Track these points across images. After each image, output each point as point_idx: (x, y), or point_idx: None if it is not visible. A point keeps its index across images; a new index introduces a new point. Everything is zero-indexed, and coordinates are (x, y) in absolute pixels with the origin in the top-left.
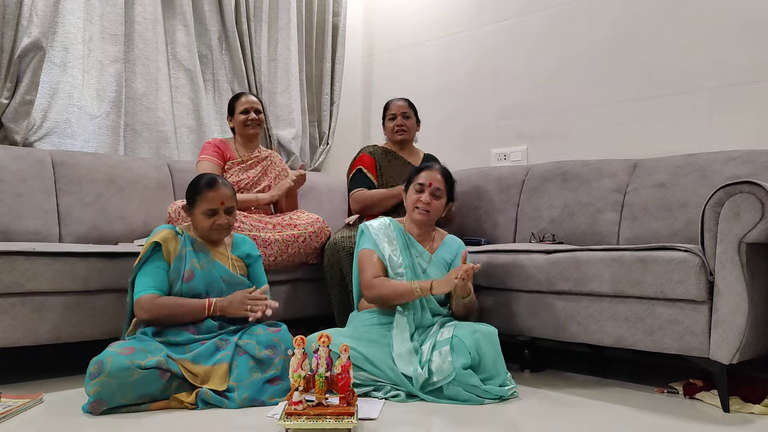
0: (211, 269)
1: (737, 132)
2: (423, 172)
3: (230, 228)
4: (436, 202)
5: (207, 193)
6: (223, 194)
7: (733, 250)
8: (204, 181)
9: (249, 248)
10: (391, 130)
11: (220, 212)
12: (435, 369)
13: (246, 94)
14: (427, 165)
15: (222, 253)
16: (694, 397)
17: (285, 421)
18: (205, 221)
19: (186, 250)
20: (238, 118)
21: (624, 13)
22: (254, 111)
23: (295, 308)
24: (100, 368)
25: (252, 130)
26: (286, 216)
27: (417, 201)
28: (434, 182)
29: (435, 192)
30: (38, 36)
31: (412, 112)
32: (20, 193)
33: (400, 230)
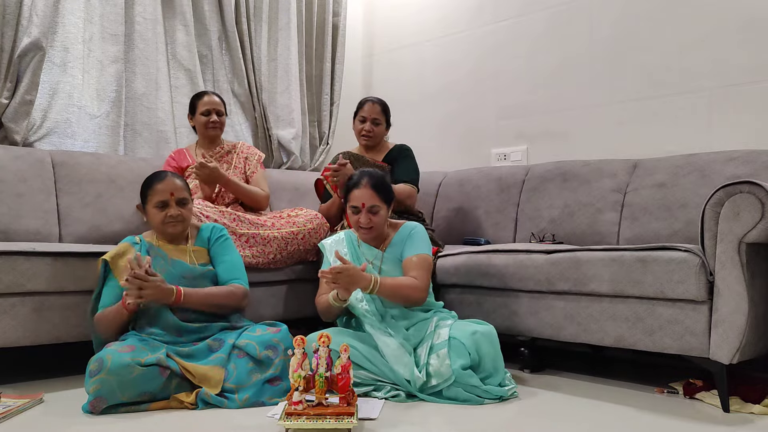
0: (169, 270)
1: (737, 132)
2: (354, 192)
3: (185, 220)
4: (376, 217)
5: (156, 186)
6: (173, 185)
7: (733, 250)
8: (152, 175)
9: (210, 232)
10: (358, 133)
11: (171, 203)
12: (433, 372)
13: (209, 94)
14: (356, 182)
15: (181, 249)
16: (694, 397)
17: (285, 421)
18: (157, 215)
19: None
20: (199, 118)
21: (624, 13)
22: (216, 113)
23: (295, 308)
24: (100, 366)
25: (213, 132)
26: (284, 213)
27: (357, 223)
28: (367, 201)
29: (371, 210)
30: (38, 36)
31: (383, 118)
32: (20, 193)
33: (351, 241)
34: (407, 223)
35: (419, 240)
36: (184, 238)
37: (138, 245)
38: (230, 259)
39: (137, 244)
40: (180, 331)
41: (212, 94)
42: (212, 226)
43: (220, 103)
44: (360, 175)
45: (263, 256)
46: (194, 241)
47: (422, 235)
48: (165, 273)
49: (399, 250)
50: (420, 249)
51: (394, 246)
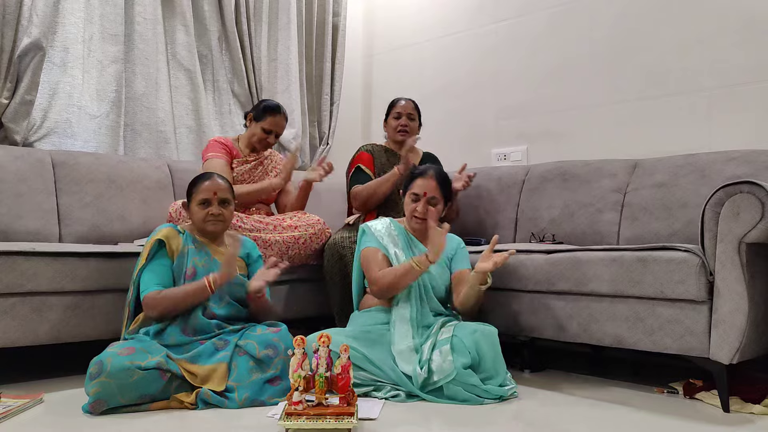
0: (212, 267)
1: (737, 132)
2: (417, 180)
3: (225, 221)
4: (433, 210)
5: (200, 185)
6: (216, 185)
7: (733, 250)
8: (199, 175)
9: (250, 249)
10: (394, 129)
11: (213, 202)
12: (435, 368)
13: (279, 114)
14: (422, 171)
15: (222, 252)
16: (694, 397)
17: (285, 421)
18: (199, 212)
19: (188, 247)
20: (258, 131)
21: (624, 13)
22: (276, 134)
23: (295, 308)
24: (100, 369)
25: (263, 149)
26: (286, 218)
27: (413, 211)
28: (429, 191)
29: (430, 201)
30: (38, 36)
31: (416, 114)
32: (20, 193)
33: (401, 230)
34: (451, 234)
35: (467, 255)
36: (223, 244)
37: (182, 235)
38: None
39: (182, 234)
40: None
41: (282, 117)
42: (251, 242)
43: (284, 127)
44: (426, 167)
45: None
46: None
47: (467, 251)
48: (207, 269)
49: (447, 254)
50: (468, 264)
51: None
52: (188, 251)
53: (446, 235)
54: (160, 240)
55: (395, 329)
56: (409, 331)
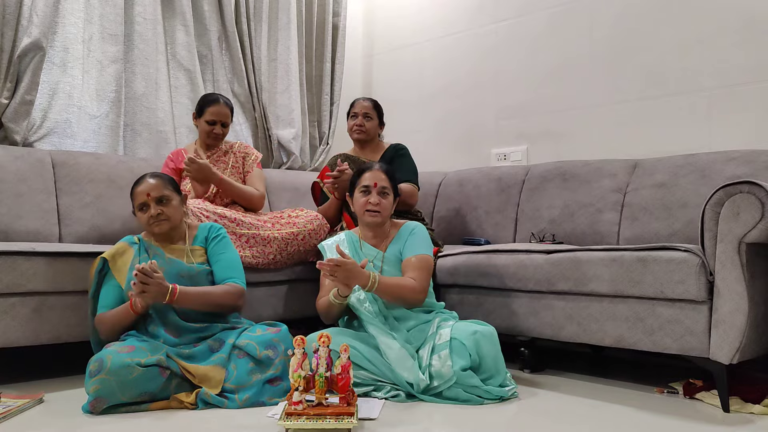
0: (167, 269)
1: (737, 132)
2: (366, 174)
3: (170, 219)
4: (385, 200)
5: (134, 190)
6: (148, 186)
7: (733, 250)
8: (134, 181)
9: (207, 231)
10: (350, 129)
11: (150, 204)
12: (435, 373)
13: (220, 104)
14: (367, 166)
15: (179, 248)
16: (694, 397)
17: (285, 421)
18: (142, 217)
19: (138, 258)
20: (203, 125)
21: (624, 13)
22: (221, 124)
23: (295, 308)
24: (100, 366)
25: (213, 142)
26: (284, 214)
27: (366, 204)
28: (379, 182)
29: (381, 191)
30: (38, 36)
31: (375, 113)
32: (20, 193)
33: (353, 242)
34: (408, 222)
35: (420, 240)
36: (182, 238)
37: (137, 245)
38: (227, 257)
39: (135, 244)
40: (180, 331)
41: (223, 105)
42: (210, 225)
43: (228, 115)
44: (372, 163)
45: (263, 257)
46: (192, 241)
47: (423, 235)
48: (163, 272)
49: (399, 249)
50: (420, 249)
51: (395, 245)
52: (140, 262)
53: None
54: (103, 261)
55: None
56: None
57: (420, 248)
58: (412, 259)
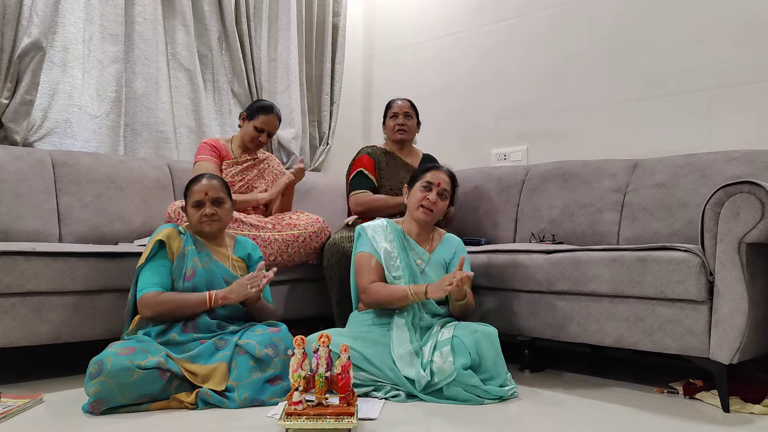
0: (212, 268)
1: (737, 132)
2: (431, 171)
3: (221, 220)
4: (441, 202)
5: (193, 187)
6: (208, 185)
7: (733, 250)
8: (193, 178)
9: (250, 249)
10: (392, 129)
11: (206, 203)
12: (436, 370)
13: (272, 113)
14: (435, 165)
15: (223, 253)
16: (694, 397)
17: (285, 421)
18: (194, 214)
19: (188, 248)
20: (250, 129)
21: (624, 13)
22: (268, 133)
23: (295, 308)
24: (100, 368)
25: (254, 148)
26: (285, 216)
27: (423, 199)
28: (442, 183)
29: (441, 192)
30: (38, 36)
31: (413, 112)
32: (20, 193)
33: (397, 232)
34: (450, 234)
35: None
36: (223, 244)
37: (183, 235)
38: None
39: (183, 234)
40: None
41: (275, 116)
42: (249, 242)
43: (277, 127)
44: (439, 164)
45: (264, 258)
46: (232, 250)
47: (466, 252)
48: (208, 269)
49: (443, 257)
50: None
51: (439, 250)
52: (188, 252)
53: (446, 236)
54: (161, 240)
55: (394, 333)
56: (407, 335)
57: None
58: None
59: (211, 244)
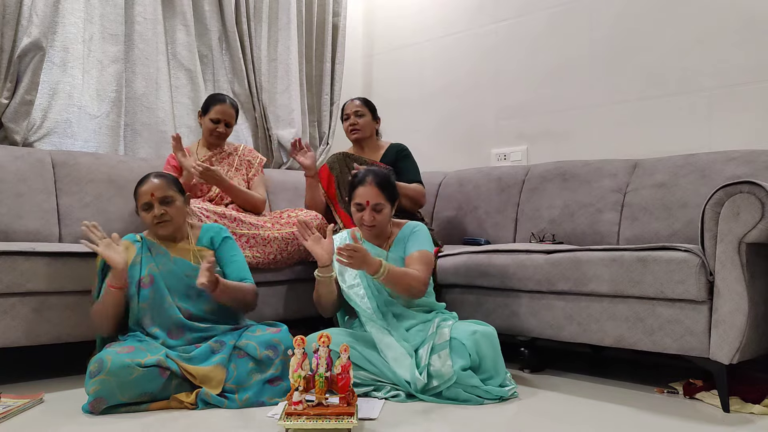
0: (171, 268)
1: (737, 132)
2: (358, 189)
3: (172, 220)
4: (379, 215)
5: (138, 190)
6: (152, 186)
7: (733, 250)
8: (138, 180)
9: (213, 233)
10: (347, 130)
11: (155, 204)
12: (434, 373)
13: (226, 103)
14: (361, 179)
15: (184, 247)
16: (694, 397)
17: (285, 421)
18: (146, 217)
19: (141, 256)
20: (207, 122)
21: (624, 13)
22: (225, 123)
23: (295, 308)
24: (100, 367)
25: (215, 141)
26: (284, 214)
27: (360, 219)
28: (371, 199)
29: (375, 207)
30: (38, 36)
31: (366, 109)
32: (20, 193)
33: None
34: (409, 222)
35: (422, 237)
36: (185, 238)
37: (139, 243)
38: (239, 259)
39: (138, 242)
40: (183, 331)
41: (229, 105)
42: (214, 227)
43: (233, 115)
44: (365, 173)
45: (263, 257)
46: (196, 241)
47: (424, 233)
48: (167, 271)
49: (402, 249)
50: (422, 246)
51: (397, 245)
52: (142, 260)
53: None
54: (102, 261)
55: (374, 337)
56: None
57: (422, 245)
58: (414, 253)
59: (170, 244)
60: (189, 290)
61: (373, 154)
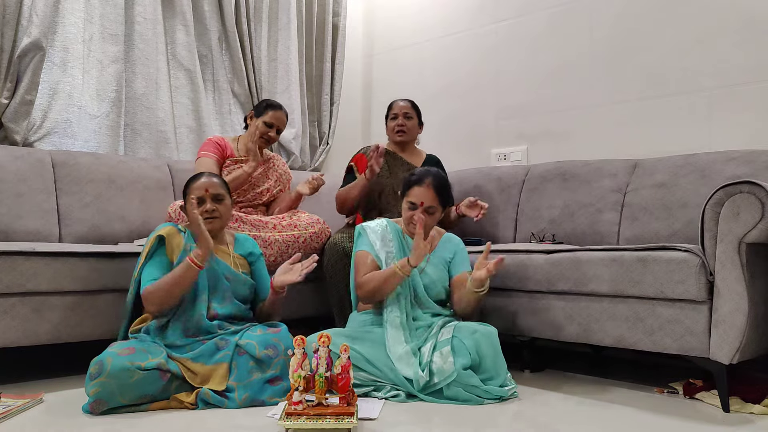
0: (213, 266)
1: (737, 132)
2: (414, 189)
3: (221, 217)
4: (430, 218)
5: (193, 184)
6: (208, 182)
7: (733, 250)
8: (192, 176)
9: (251, 247)
10: (392, 130)
11: (207, 199)
12: (436, 370)
13: (281, 110)
14: (419, 179)
15: (224, 251)
16: (694, 397)
17: (285, 421)
18: (192, 214)
19: (190, 245)
20: (261, 125)
21: (624, 13)
22: (277, 130)
23: (295, 308)
24: (100, 369)
25: (262, 144)
26: (286, 216)
27: (410, 218)
28: (426, 201)
29: (428, 210)
30: (38, 36)
31: (414, 113)
32: (20, 193)
33: (397, 232)
34: (450, 233)
35: (466, 256)
36: (223, 242)
37: (184, 233)
38: (267, 277)
39: (183, 232)
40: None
41: (284, 113)
42: (251, 240)
43: (285, 123)
44: (424, 173)
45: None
46: (233, 247)
47: (466, 252)
48: (209, 268)
49: (443, 256)
50: (468, 266)
51: (439, 250)
52: (190, 249)
53: (445, 235)
54: (160, 237)
55: (388, 333)
56: (401, 334)
57: (468, 265)
58: (464, 274)
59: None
60: (225, 292)
61: (413, 158)
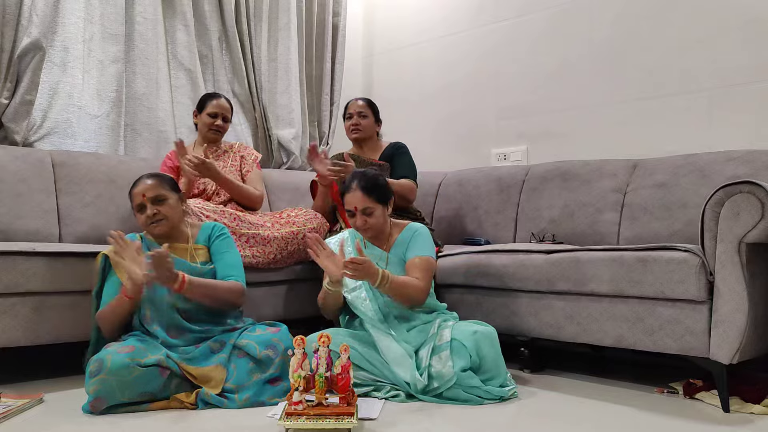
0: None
1: (737, 132)
2: (346, 197)
3: (167, 218)
4: (371, 218)
5: (131, 192)
6: (143, 187)
7: (733, 250)
8: (133, 183)
9: (209, 230)
10: (347, 129)
11: (147, 204)
12: (435, 374)
13: (220, 98)
14: (347, 185)
15: (181, 247)
16: (694, 397)
17: (285, 421)
18: (140, 218)
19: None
20: (204, 118)
21: (624, 13)
22: (222, 118)
23: (295, 308)
24: (100, 366)
25: (213, 135)
26: (283, 214)
27: (354, 225)
28: (359, 204)
29: (364, 212)
30: (38, 36)
31: (370, 111)
32: (20, 193)
33: (356, 240)
34: (411, 223)
35: (423, 241)
36: (184, 238)
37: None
38: (229, 256)
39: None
40: (181, 332)
41: (223, 99)
42: (213, 224)
43: (229, 109)
44: (350, 178)
45: (263, 256)
46: (194, 240)
47: (426, 237)
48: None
49: (403, 251)
50: (423, 251)
51: (398, 246)
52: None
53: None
54: (104, 256)
55: (375, 338)
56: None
57: (423, 250)
58: (416, 260)
59: (168, 243)
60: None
61: (372, 153)
